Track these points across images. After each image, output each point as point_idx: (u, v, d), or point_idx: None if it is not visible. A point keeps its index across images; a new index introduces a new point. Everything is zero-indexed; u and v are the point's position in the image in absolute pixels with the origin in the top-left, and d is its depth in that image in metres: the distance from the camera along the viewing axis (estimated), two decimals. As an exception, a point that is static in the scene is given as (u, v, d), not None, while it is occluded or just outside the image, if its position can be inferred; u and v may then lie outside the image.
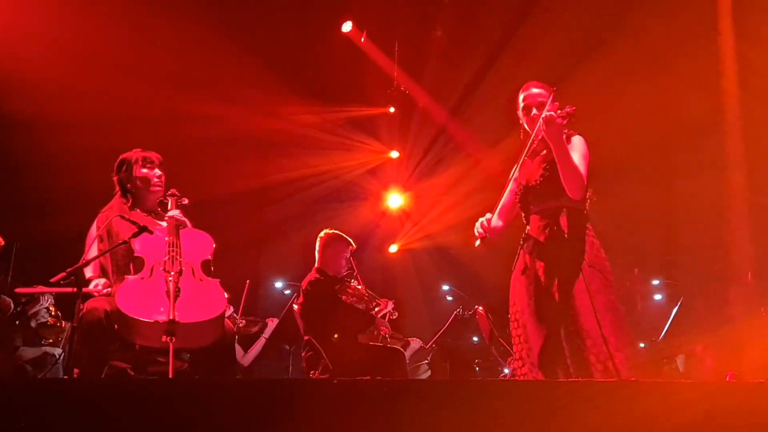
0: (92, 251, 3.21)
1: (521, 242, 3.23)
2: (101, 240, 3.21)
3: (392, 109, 8.03)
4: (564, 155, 3.06)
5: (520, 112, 3.32)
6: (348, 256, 4.92)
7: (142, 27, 6.34)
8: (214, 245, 3.26)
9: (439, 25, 7.34)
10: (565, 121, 3.03)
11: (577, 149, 3.18)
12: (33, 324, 5.14)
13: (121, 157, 3.44)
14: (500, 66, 7.72)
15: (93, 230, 3.30)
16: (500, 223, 3.31)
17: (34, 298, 5.02)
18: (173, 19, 6.26)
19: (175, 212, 3.26)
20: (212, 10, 6.53)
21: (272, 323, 5.87)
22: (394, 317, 5.28)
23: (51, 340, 5.09)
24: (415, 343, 6.14)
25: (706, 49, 6.53)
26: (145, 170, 3.36)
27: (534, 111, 3.23)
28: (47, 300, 5.08)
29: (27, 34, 5.78)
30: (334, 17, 7.31)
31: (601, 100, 6.21)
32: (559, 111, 3.04)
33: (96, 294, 3.10)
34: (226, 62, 6.96)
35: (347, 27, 7.36)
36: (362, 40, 7.40)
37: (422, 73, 7.88)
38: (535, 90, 3.28)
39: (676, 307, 5.85)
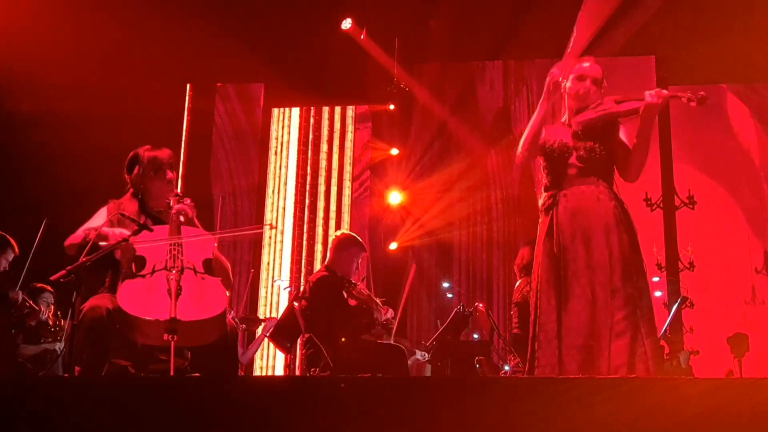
0: (94, 222, 3.18)
1: (550, 206, 3.07)
2: (111, 225, 3.18)
3: (392, 107, 8.03)
4: (650, 136, 2.99)
5: (568, 83, 3.14)
6: (359, 261, 4.93)
7: (143, 24, 6.34)
8: (215, 244, 3.26)
9: (439, 21, 7.32)
10: (694, 105, 2.86)
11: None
12: (33, 323, 5.14)
13: (131, 154, 3.40)
14: (501, 63, 7.73)
15: (102, 212, 3.26)
16: (526, 154, 3.15)
17: (34, 311, 5.01)
18: (175, 17, 6.26)
19: (180, 207, 3.25)
20: (213, 8, 6.53)
21: (270, 322, 5.87)
22: (392, 326, 5.31)
23: (50, 339, 5.09)
24: (419, 355, 6.16)
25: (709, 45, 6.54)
26: (155, 173, 3.33)
27: (589, 84, 3.11)
28: (46, 313, 5.06)
29: (31, 31, 5.78)
30: (334, 14, 7.30)
31: (602, 94, 6.19)
32: (689, 94, 2.89)
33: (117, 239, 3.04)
34: (227, 59, 6.96)
35: (347, 24, 7.35)
36: (362, 37, 7.39)
37: (422, 70, 7.88)
38: (594, 66, 3.19)
39: (676, 305, 5.86)
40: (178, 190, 3.39)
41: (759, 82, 7.24)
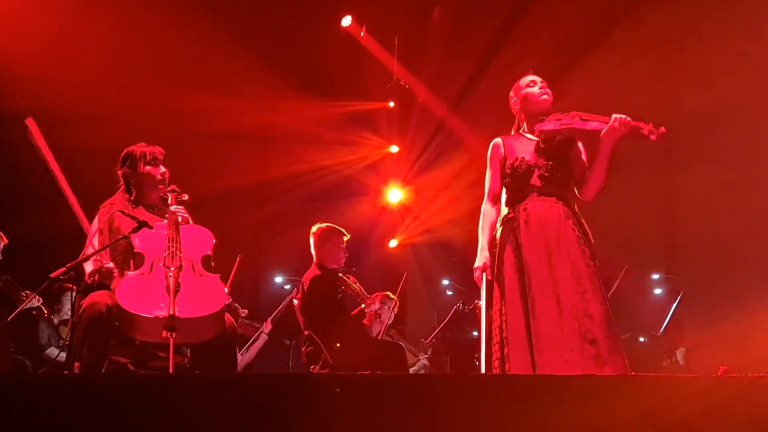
0: (94, 245, 3.20)
1: (510, 219, 3.17)
2: (101, 233, 3.20)
3: (392, 104, 8.02)
4: (609, 159, 3.07)
5: (523, 92, 3.29)
6: (344, 246, 4.92)
7: (141, 21, 6.33)
8: (214, 241, 3.26)
9: (438, 19, 7.32)
10: (654, 138, 2.99)
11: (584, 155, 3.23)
12: (56, 320, 5.12)
13: (125, 151, 3.41)
14: (500, 60, 7.72)
15: (95, 224, 3.28)
16: (496, 209, 3.30)
17: (60, 302, 5.01)
18: (172, 14, 6.25)
19: (177, 207, 3.25)
20: (212, 5, 6.52)
21: (266, 327, 5.83)
22: (380, 319, 5.34)
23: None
24: (424, 360, 6.17)
25: (709, 42, 6.52)
26: (149, 167, 3.34)
27: (540, 83, 3.27)
28: (67, 305, 5.05)
29: (24, 28, 5.76)
30: (333, 12, 7.29)
31: (602, 91, 6.20)
32: (651, 127, 3.00)
33: (104, 269, 3.06)
34: (226, 57, 6.95)
35: (347, 21, 7.34)
36: (362, 34, 7.39)
37: (422, 67, 7.88)
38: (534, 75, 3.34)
39: (676, 302, 5.87)
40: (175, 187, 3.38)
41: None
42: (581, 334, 2.92)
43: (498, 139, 3.34)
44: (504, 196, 3.27)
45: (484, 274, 3.21)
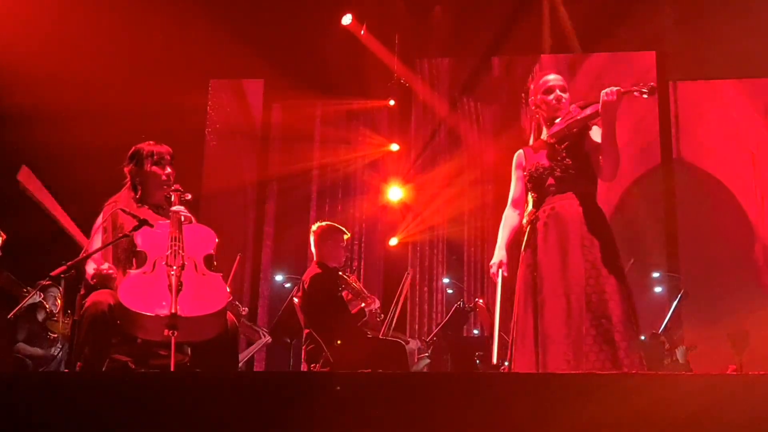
0: (96, 242, 3.21)
1: (532, 221, 3.20)
2: (105, 231, 3.20)
3: (392, 102, 8.02)
4: (614, 134, 3.04)
5: (538, 99, 3.29)
6: (345, 245, 4.93)
7: (141, 20, 6.33)
8: (216, 240, 3.26)
9: (443, 8, 7.31)
10: (646, 96, 2.96)
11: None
12: (40, 317, 5.13)
13: (133, 148, 3.40)
14: (501, 58, 7.72)
15: (98, 221, 3.29)
16: (517, 214, 3.33)
17: (41, 304, 5.02)
18: (172, 13, 6.25)
19: (179, 207, 3.26)
20: (211, 4, 6.52)
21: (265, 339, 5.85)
22: (380, 318, 5.35)
23: (55, 335, 5.08)
24: (414, 344, 6.17)
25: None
26: (155, 167, 3.34)
27: (558, 92, 3.24)
28: (51, 308, 5.06)
29: (24, 28, 5.76)
30: (334, 10, 7.29)
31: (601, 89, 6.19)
32: (640, 86, 2.97)
33: (103, 272, 3.07)
34: (226, 56, 6.95)
35: (347, 20, 7.34)
36: (362, 32, 7.38)
37: (422, 65, 7.87)
38: (556, 76, 3.32)
39: (677, 300, 5.86)
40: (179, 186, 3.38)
41: (763, 77, 7.21)
42: (599, 334, 2.92)
43: (520, 150, 3.41)
44: (530, 201, 3.31)
45: (500, 272, 3.23)
